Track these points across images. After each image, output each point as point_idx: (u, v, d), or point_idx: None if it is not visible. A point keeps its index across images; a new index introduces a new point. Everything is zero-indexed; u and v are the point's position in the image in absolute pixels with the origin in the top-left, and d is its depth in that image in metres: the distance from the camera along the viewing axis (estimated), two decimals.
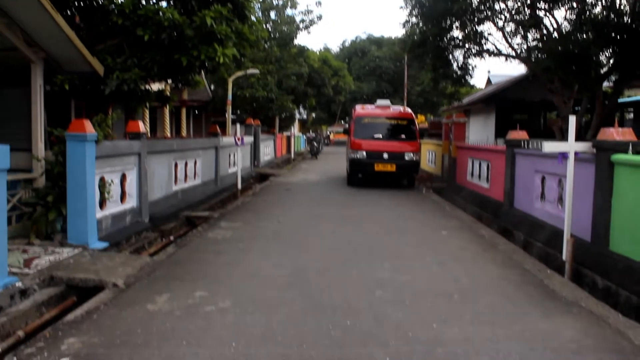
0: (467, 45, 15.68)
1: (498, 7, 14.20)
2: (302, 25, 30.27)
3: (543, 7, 13.25)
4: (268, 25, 27.93)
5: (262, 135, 25.20)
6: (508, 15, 14.28)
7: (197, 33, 9.26)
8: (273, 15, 29.19)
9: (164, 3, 10.07)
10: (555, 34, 13.17)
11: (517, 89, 19.86)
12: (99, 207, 8.00)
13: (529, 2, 13.27)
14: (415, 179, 17.56)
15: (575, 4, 12.29)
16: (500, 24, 14.61)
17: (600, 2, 12.01)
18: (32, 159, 7.92)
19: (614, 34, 11.44)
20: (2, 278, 5.29)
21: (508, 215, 10.42)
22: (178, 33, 9.10)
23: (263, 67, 25.37)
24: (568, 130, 7.20)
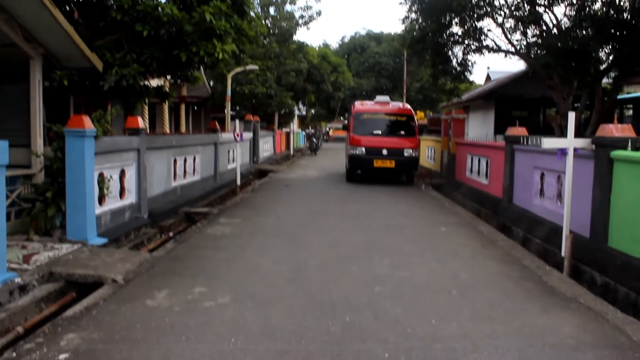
0: (466, 42, 15.66)
1: (497, 3, 14.19)
2: (301, 21, 30.27)
3: (543, 3, 13.23)
4: (267, 21, 27.89)
5: (261, 132, 25.19)
6: (507, 12, 14.26)
7: (196, 29, 9.24)
8: (272, 11, 29.18)
9: None
10: (555, 30, 13.15)
11: (516, 86, 19.87)
12: (98, 203, 8.00)
13: None
14: (414, 175, 17.57)
15: (575, 0, 12.27)
16: (500, 20, 14.59)
17: None
18: (31, 155, 7.92)
19: (614, 30, 11.42)
20: (1, 274, 5.29)
21: (507, 212, 10.43)
22: (177, 29, 9.07)
23: (262, 63, 25.33)
24: (567, 127, 7.20)
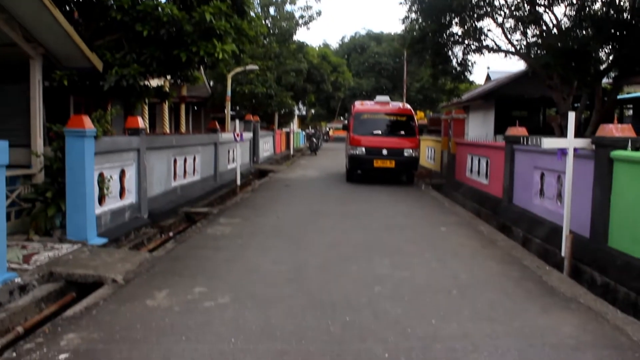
0: (466, 42, 15.66)
1: (497, 3, 14.19)
2: (301, 21, 30.26)
3: (543, 3, 13.23)
4: (267, 21, 27.89)
5: (261, 132, 25.19)
6: (507, 12, 14.26)
7: (196, 29, 9.24)
8: (272, 11, 29.17)
9: None
10: (555, 30, 13.15)
11: (516, 86, 19.87)
12: (98, 203, 8.00)
13: None
14: (414, 175, 17.56)
15: (575, 0, 12.27)
16: (500, 20, 14.59)
17: None
18: (31, 155, 7.92)
19: (614, 30, 11.42)
20: (1, 274, 5.29)
21: (507, 212, 10.43)
22: (177, 29, 9.07)
23: (262, 63, 25.32)
24: (567, 127, 7.20)
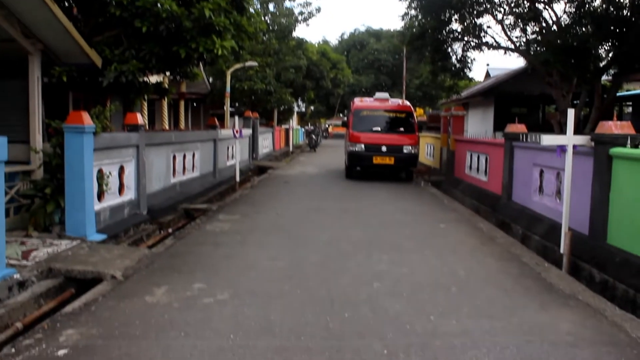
0: (466, 38, 15.63)
1: None
2: (300, 18, 30.14)
3: None
4: (266, 18, 27.79)
5: (260, 128, 25.17)
6: (507, 8, 14.22)
7: (195, 25, 9.22)
8: (272, 7, 29.04)
9: None
10: (555, 27, 13.13)
11: (515, 83, 19.81)
12: (97, 199, 8.00)
13: None
14: (413, 172, 17.56)
15: None
16: (500, 17, 14.56)
17: None
18: (30, 151, 7.90)
19: (613, 27, 11.40)
20: (0, 270, 5.29)
21: (506, 209, 10.43)
22: (176, 25, 9.05)
23: (261, 59, 25.26)
24: (567, 124, 7.20)
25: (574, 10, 12.17)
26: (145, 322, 4.65)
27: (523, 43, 14.54)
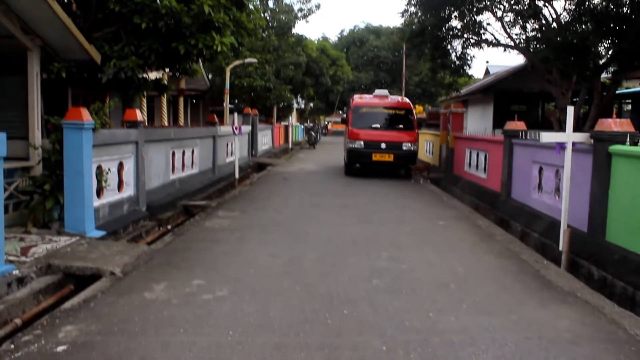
0: (465, 35, 15.63)
1: None
2: (300, 14, 30.09)
3: None
4: (266, 14, 27.74)
5: (259, 125, 25.14)
6: (507, 5, 14.22)
7: (194, 21, 9.19)
8: (271, 4, 29.01)
9: None
10: (554, 25, 13.13)
11: (515, 80, 19.83)
12: (96, 195, 7.99)
13: None
14: (412, 169, 17.54)
15: None
16: (499, 14, 14.56)
17: None
18: (29, 147, 7.90)
19: (613, 25, 11.41)
20: None
21: (505, 206, 10.43)
22: (175, 21, 9.03)
23: (261, 56, 25.22)
24: (566, 121, 7.20)
25: (574, 8, 12.18)
26: (144, 318, 4.66)
27: (523, 40, 14.54)
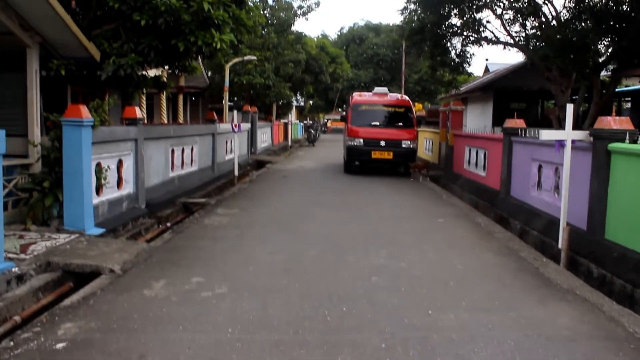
0: (465, 33, 15.60)
1: None
2: (299, 12, 30.09)
3: None
4: (265, 12, 27.70)
5: (259, 123, 25.12)
6: (507, 3, 14.19)
7: (194, 18, 9.18)
8: (270, 1, 28.98)
9: None
10: (554, 22, 13.11)
11: (515, 78, 19.82)
12: (96, 193, 7.98)
13: None
14: (411, 167, 17.54)
15: None
16: (499, 12, 14.53)
17: None
18: (28, 145, 7.88)
19: (613, 23, 11.39)
20: None
21: (504, 204, 10.44)
22: (175, 18, 9.01)
23: (260, 53, 25.20)
24: (565, 119, 7.20)
25: (574, 5, 12.15)
26: (144, 315, 4.66)
27: (522, 38, 14.52)
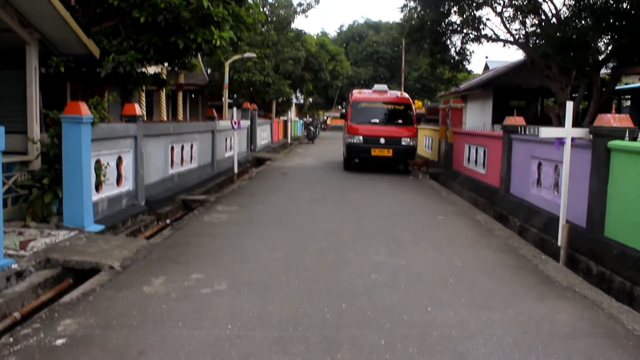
0: (465, 31, 15.57)
1: None
2: (299, 9, 29.96)
3: None
4: (265, 9, 27.63)
5: (258, 120, 25.11)
6: (506, 0, 14.16)
7: (193, 15, 9.17)
8: None
9: None
10: (554, 20, 13.09)
11: (514, 75, 19.78)
12: (95, 189, 7.98)
13: None
14: (410, 165, 17.53)
15: None
16: (499, 9, 14.50)
17: None
18: (27, 142, 7.88)
19: (613, 20, 11.38)
20: None
21: (504, 201, 10.44)
22: (174, 15, 9.00)
23: (260, 51, 25.15)
24: (565, 117, 7.19)
25: (574, 3, 12.13)
26: (143, 312, 4.66)
27: (522, 36, 14.49)
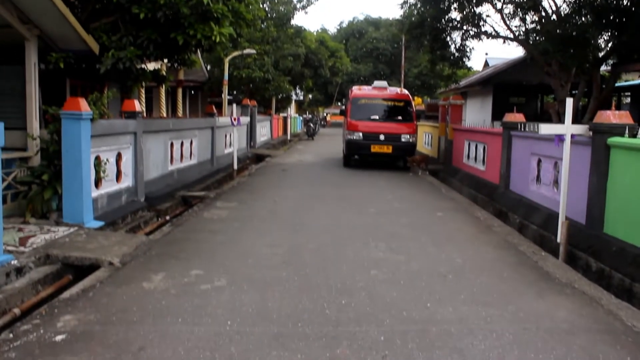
0: (465, 27, 15.58)
1: None
2: (299, 5, 29.95)
3: None
4: (265, 5, 27.61)
5: (258, 116, 25.10)
6: None
7: (193, 11, 9.15)
8: None
9: None
10: (554, 17, 13.09)
11: (514, 72, 19.79)
12: (95, 186, 7.98)
13: None
14: (410, 161, 17.53)
15: None
16: (499, 6, 14.50)
17: None
18: (27, 138, 7.88)
19: (613, 17, 11.38)
20: None
21: (503, 198, 10.45)
22: (174, 11, 8.98)
23: (260, 47, 25.14)
24: (565, 113, 7.19)
25: (574, 0, 12.12)
26: (143, 308, 4.67)
27: (522, 32, 14.50)
